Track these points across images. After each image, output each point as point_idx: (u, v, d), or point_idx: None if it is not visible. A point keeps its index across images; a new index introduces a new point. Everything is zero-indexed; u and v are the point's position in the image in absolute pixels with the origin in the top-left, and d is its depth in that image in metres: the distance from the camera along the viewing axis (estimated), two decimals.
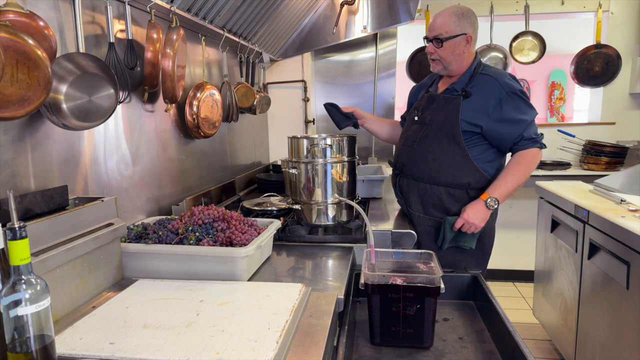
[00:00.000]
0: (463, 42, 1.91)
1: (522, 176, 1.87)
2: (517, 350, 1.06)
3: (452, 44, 1.91)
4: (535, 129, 1.89)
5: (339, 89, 3.77)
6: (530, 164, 1.88)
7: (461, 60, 1.94)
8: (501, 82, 1.87)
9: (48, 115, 1.26)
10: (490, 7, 3.79)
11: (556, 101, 6.95)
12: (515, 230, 4.09)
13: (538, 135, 1.90)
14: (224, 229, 1.47)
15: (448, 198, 1.95)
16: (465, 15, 1.91)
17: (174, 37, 1.76)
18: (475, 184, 1.93)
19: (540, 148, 1.89)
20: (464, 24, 1.90)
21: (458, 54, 1.92)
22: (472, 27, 1.93)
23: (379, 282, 1.22)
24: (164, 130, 1.97)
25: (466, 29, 1.90)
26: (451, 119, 1.91)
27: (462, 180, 1.93)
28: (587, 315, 2.32)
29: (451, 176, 1.93)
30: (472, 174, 1.92)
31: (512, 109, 1.86)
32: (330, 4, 3.26)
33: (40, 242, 1.08)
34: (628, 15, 3.73)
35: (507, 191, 1.87)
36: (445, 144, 1.92)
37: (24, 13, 1.14)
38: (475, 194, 1.93)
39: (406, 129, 2.13)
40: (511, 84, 1.88)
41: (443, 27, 1.91)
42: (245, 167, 3.06)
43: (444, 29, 1.91)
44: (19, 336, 0.79)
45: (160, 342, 0.96)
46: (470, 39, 1.92)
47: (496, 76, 1.90)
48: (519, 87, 1.89)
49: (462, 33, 1.90)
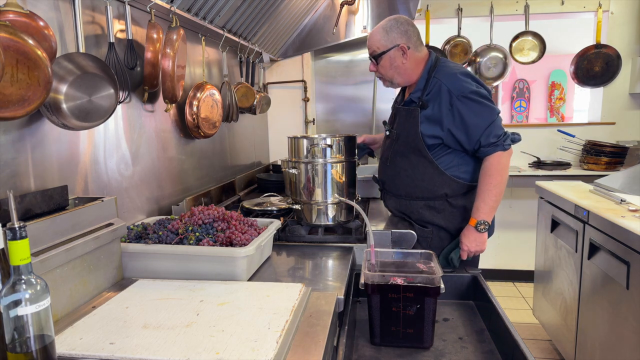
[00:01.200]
0: (398, 53, 1.85)
1: (496, 186, 1.78)
2: (517, 350, 1.06)
3: (387, 59, 1.86)
4: (495, 130, 1.76)
5: (339, 89, 3.77)
6: (499, 170, 1.78)
7: (404, 72, 1.89)
8: (450, 85, 1.78)
9: (48, 115, 1.26)
10: (490, 7, 3.79)
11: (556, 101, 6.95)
12: (515, 230, 4.09)
13: (499, 136, 1.77)
14: (224, 229, 1.47)
15: (429, 211, 1.92)
16: (394, 27, 1.85)
17: (174, 37, 1.76)
18: (453, 192, 1.89)
19: (504, 150, 1.77)
20: (393, 36, 1.84)
21: (397, 66, 1.87)
22: (405, 35, 1.85)
23: (379, 282, 1.22)
24: (164, 130, 1.97)
25: (397, 40, 1.84)
26: (412, 134, 1.87)
27: (438, 192, 1.89)
28: (587, 315, 2.32)
29: (427, 190, 1.89)
30: (448, 184, 1.87)
31: (465, 114, 1.76)
32: (330, 4, 3.26)
33: (40, 242, 1.08)
34: (628, 15, 3.73)
35: (490, 208, 1.80)
36: (414, 158, 1.89)
37: (24, 13, 1.14)
38: (457, 202, 1.89)
39: (382, 143, 2.13)
40: (462, 85, 1.77)
41: (374, 44, 1.88)
42: (245, 167, 3.06)
43: (375, 46, 1.88)
44: (19, 336, 0.79)
45: (160, 342, 0.96)
46: (405, 48, 1.84)
47: (445, 79, 1.80)
48: (471, 88, 1.77)
49: (394, 45, 1.84)
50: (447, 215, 1.90)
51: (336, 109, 3.79)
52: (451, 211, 1.90)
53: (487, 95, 1.80)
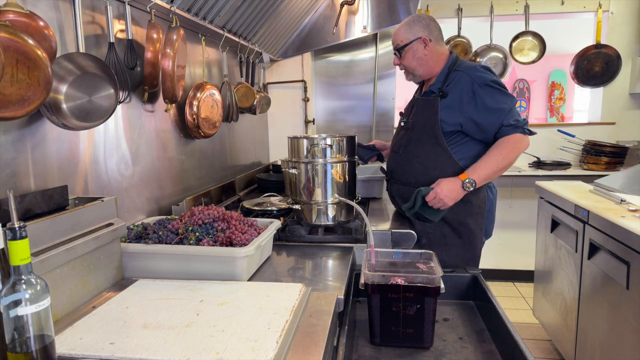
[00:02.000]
0: (420, 45, 1.95)
1: (504, 160, 1.82)
2: (517, 350, 1.06)
3: (410, 51, 1.96)
4: (515, 115, 1.84)
5: (339, 89, 3.77)
6: (513, 148, 1.82)
7: (426, 63, 1.98)
8: (472, 75, 1.87)
9: (48, 115, 1.26)
10: (490, 7, 3.79)
11: (556, 101, 6.95)
12: (515, 230, 4.09)
13: (519, 121, 1.84)
14: (224, 229, 1.47)
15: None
16: (416, 21, 1.96)
17: (174, 37, 1.76)
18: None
19: (523, 133, 1.84)
20: (416, 29, 1.95)
21: (419, 57, 1.96)
22: (427, 29, 1.95)
23: (379, 282, 1.22)
24: (164, 130, 1.97)
25: (419, 33, 1.94)
26: (431, 121, 1.92)
27: None
28: (587, 315, 2.32)
29: (437, 178, 1.89)
30: (459, 174, 1.87)
31: (487, 100, 1.84)
32: (330, 4, 3.26)
33: (40, 242, 1.08)
34: (628, 15, 3.73)
35: (486, 174, 1.83)
36: (428, 146, 1.93)
37: (24, 13, 1.14)
38: (466, 195, 1.89)
39: (395, 135, 2.17)
40: (483, 75, 1.87)
41: (398, 37, 1.99)
42: (245, 167, 3.06)
43: (399, 39, 1.98)
44: (19, 336, 0.79)
45: (160, 342, 0.96)
46: (427, 40, 1.94)
47: (467, 70, 1.89)
48: (492, 78, 1.87)
49: (416, 38, 1.94)
50: (454, 207, 1.89)
51: (336, 109, 3.79)
52: (458, 204, 1.88)
53: (505, 86, 1.89)
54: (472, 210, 1.94)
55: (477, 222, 1.97)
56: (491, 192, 2.05)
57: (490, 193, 2.04)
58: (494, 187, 2.09)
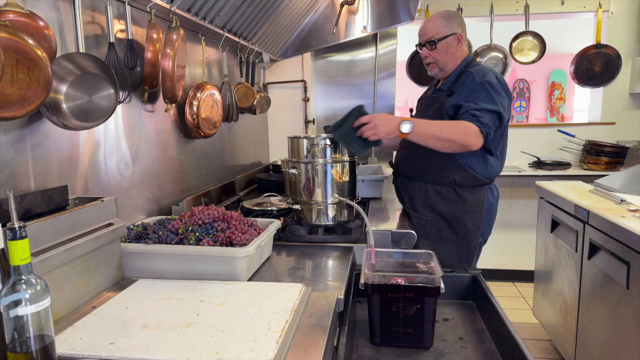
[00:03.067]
0: (455, 41, 2.00)
1: (448, 134, 1.76)
2: (517, 350, 1.06)
3: (445, 45, 1.99)
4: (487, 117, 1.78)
5: (339, 89, 3.77)
6: (462, 133, 1.76)
7: (455, 59, 2.02)
8: (475, 74, 1.91)
9: (48, 115, 1.26)
10: (490, 7, 3.79)
11: (556, 101, 6.95)
12: (515, 230, 4.09)
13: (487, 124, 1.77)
14: (224, 229, 1.47)
15: (435, 195, 2.01)
16: (453, 17, 2.01)
17: (174, 37, 1.76)
18: (462, 181, 1.96)
19: (481, 133, 1.76)
20: (453, 24, 1.99)
21: (452, 53, 2.01)
22: (461, 27, 2.02)
23: (379, 282, 1.22)
24: (164, 130, 1.97)
25: (455, 29, 1.99)
26: (436, 117, 1.94)
27: (447, 178, 1.97)
28: (587, 315, 2.32)
29: (437, 173, 1.97)
30: (457, 171, 1.95)
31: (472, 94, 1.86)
32: (330, 4, 3.26)
33: (40, 242, 1.08)
34: (628, 15, 3.73)
35: (425, 133, 1.76)
36: None
37: (24, 13, 1.14)
38: (464, 193, 1.97)
39: None
40: (484, 75, 1.89)
41: (434, 29, 2.00)
42: (245, 167, 3.06)
43: (435, 32, 1.99)
44: (19, 336, 0.79)
45: (160, 342, 0.96)
46: (461, 37, 2.00)
47: (475, 71, 1.93)
48: (489, 79, 1.87)
49: (452, 33, 1.99)
50: (452, 203, 1.98)
51: (336, 109, 3.79)
52: (456, 200, 1.97)
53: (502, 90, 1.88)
54: (468, 207, 1.98)
55: (474, 220, 2.00)
56: (492, 194, 2.06)
57: (490, 194, 2.05)
58: (496, 189, 2.11)
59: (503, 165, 2.07)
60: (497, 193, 2.12)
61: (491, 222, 2.12)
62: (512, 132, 4.05)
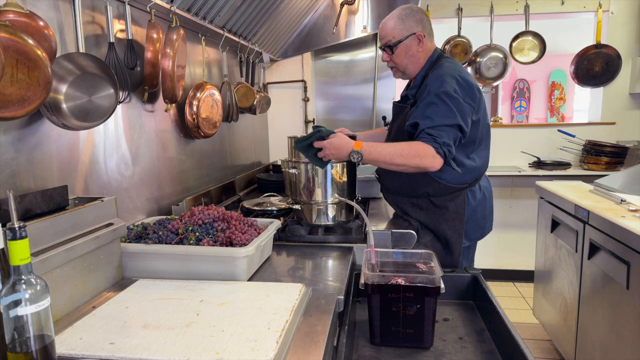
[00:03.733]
0: (414, 42, 1.85)
1: (401, 159, 1.66)
2: (517, 350, 1.06)
3: (404, 48, 1.85)
4: (443, 135, 1.67)
5: (339, 89, 3.77)
6: (416, 157, 1.65)
7: (418, 61, 1.88)
8: (432, 84, 1.74)
9: (48, 115, 1.26)
10: (490, 7, 3.79)
11: (556, 101, 6.95)
12: (515, 230, 4.09)
13: (445, 143, 1.66)
14: (224, 229, 1.47)
15: (412, 207, 1.93)
16: (409, 15, 1.84)
17: (174, 37, 1.76)
18: (435, 192, 1.86)
19: (437, 153, 1.66)
20: (410, 24, 1.83)
21: (412, 54, 1.86)
22: (421, 24, 1.85)
23: (379, 282, 1.22)
24: (164, 130, 1.97)
25: (413, 29, 1.83)
26: (401, 129, 1.83)
27: (420, 191, 1.88)
28: (587, 315, 2.32)
29: (410, 187, 1.88)
30: (429, 184, 1.84)
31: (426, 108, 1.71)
32: (330, 4, 3.26)
33: (40, 242, 1.08)
34: (628, 15, 3.73)
35: (376, 158, 1.70)
36: None
37: (24, 13, 1.14)
38: (440, 202, 1.87)
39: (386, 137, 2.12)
40: (441, 84, 1.72)
41: (390, 32, 1.86)
42: (245, 167, 3.06)
43: (391, 35, 1.85)
44: (19, 336, 0.79)
45: (160, 342, 0.96)
46: (422, 36, 1.84)
47: (433, 78, 1.77)
48: (448, 89, 1.70)
49: (410, 34, 1.83)
50: (430, 213, 1.89)
51: (336, 109, 3.79)
52: (434, 210, 1.88)
53: (464, 95, 1.73)
54: (448, 216, 1.88)
55: (454, 227, 1.88)
56: (473, 197, 1.91)
57: (472, 198, 1.91)
58: (480, 190, 1.95)
59: (487, 160, 1.94)
60: (483, 193, 1.96)
61: (478, 224, 1.96)
62: (512, 132, 4.07)
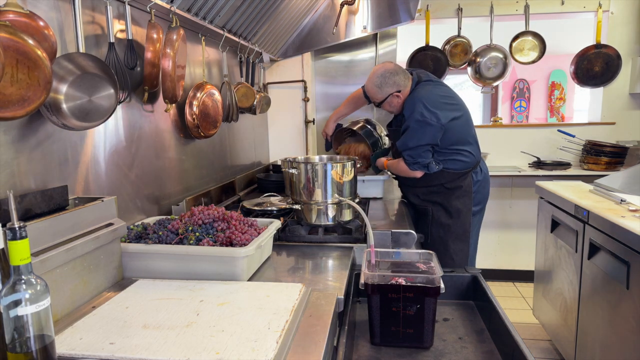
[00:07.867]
0: (394, 98, 2.29)
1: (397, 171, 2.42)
2: (517, 350, 1.06)
3: (387, 104, 2.34)
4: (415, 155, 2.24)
5: (339, 89, 3.76)
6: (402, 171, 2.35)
7: (399, 104, 2.33)
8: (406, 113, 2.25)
9: (48, 115, 1.26)
10: (490, 7, 3.79)
11: (556, 101, 6.95)
12: (515, 230, 4.09)
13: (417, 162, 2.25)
14: (224, 229, 1.47)
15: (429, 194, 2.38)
16: (383, 83, 2.26)
17: (174, 37, 1.76)
18: (447, 180, 2.33)
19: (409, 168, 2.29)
20: (386, 89, 2.26)
21: (394, 105, 2.33)
22: (395, 85, 2.26)
23: (379, 282, 1.22)
24: (164, 130, 1.97)
25: (390, 91, 2.27)
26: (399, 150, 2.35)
27: (434, 183, 2.34)
28: (587, 315, 2.32)
29: (425, 182, 2.35)
30: (441, 176, 2.31)
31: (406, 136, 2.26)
32: (330, 4, 3.26)
33: (40, 242, 1.08)
34: (628, 15, 3.73)
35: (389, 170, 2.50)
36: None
37: (24, 13, 1.13)
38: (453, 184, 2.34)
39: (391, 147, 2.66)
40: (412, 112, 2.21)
41: (374, 96, 2.35)
42: (245, 167, 3.06)
43: (375, 97, 2.34)
44: (19, 336, 0.79)
45: (160, 342, 0.96)
46: (398, 93, 2.27)
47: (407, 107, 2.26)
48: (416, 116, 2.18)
49: (388, 95, 2.28)
50: (443, 194, 2.36)
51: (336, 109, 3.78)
52: (446, 192, 2.35)
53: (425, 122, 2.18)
54: (459, 193, 2.35)
55: (464, 202, 2.36)
56: (476, 176, 2.40)
57: (474, 176, 2.39)
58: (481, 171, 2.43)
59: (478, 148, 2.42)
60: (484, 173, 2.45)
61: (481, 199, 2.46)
62: (512, 132, 4.07)
